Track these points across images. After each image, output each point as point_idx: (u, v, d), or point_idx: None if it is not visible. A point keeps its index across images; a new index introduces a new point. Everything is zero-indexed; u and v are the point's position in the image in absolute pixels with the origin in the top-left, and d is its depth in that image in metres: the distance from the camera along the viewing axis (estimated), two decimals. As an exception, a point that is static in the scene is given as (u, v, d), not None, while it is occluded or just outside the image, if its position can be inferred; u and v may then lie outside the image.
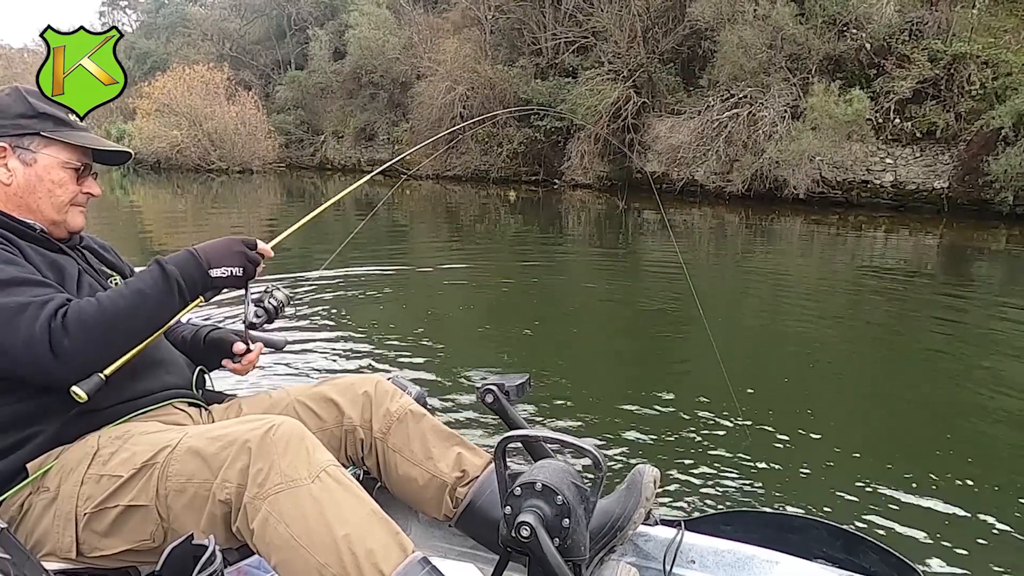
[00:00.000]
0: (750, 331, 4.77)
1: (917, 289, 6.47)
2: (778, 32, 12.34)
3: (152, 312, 1.17)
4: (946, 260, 8.31)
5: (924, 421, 3.16)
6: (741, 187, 12.27)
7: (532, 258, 7.87)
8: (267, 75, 26.34)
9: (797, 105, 12.05)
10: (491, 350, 4.19)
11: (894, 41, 11.80)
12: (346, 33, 21.15)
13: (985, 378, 3.75)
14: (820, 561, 1.33)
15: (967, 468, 2.60)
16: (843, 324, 5.12)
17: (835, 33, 12.09)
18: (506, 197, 14.61)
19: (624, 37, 14.73)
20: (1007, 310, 5.51)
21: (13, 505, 1.13)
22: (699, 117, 13.19)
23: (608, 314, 5.41)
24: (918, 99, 11.55)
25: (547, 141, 16.25)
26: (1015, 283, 6.68)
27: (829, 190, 11.99)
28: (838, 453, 2.70)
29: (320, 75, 22.81)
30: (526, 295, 5.84)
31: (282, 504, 1.00)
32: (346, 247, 6.22)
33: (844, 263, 7.92)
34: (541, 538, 1.08)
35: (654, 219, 11.67)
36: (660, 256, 8.06)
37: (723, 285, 6.62)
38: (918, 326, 5.07)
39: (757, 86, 12.54)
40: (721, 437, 2.73)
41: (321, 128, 23.25)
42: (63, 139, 1.26)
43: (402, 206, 14.46)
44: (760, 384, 3.46)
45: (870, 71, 12.00)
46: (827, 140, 11.49)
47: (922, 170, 11.67)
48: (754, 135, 12.23)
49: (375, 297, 5.60)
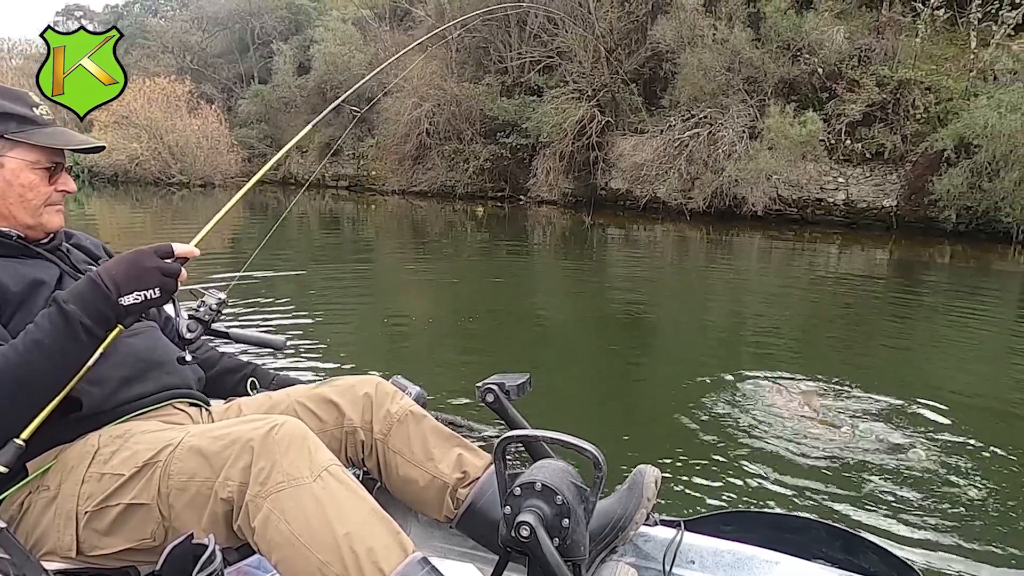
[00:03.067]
0: (732, 333, 4.93)
1: (868, 298, 6.81)
2: (736, 56, 12.80)
3: (55, 364, 1.06)
4: (895, 272, 8.72)
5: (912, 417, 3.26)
6: (702, 204, 12.61)
7: (511, 268, 7.98)
8: (230, 89, 26.02)
9: (754, 126, 12.48)
10: (484, 353, 4.26)
11: (844, 66, 12.36)
12: (311, 48, 21.07)
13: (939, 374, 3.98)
14: (820, 561, 1.33)
15: (965, 466, 2.64)
16: (805, 329, 5.35)
17: (789, 58, 12.60)
18: (473, 213, 14.71)
19: (588, 58, 15.06)
20: (951, 316, 5.86)
21: (13, 504, 1.13)
22: (661, 136, 13.54)
23: (595, 319, 5.55)
24: (867, 122, 12.09)
25: (513, 158, 16.43)
26: (958, 293, 7.07)
27: (785, 207, 12.41)
28: (837, 452, 2.73)
29: (284, 89, 22.63)
30: (505, 299, 5.94)
31: (284, 502, 1.00)
32: (329, 256, 6.21)
33: (802, 273, 8.26)
34: (541, 538, 1.08)
35: (619, 234, 11.94)
36: (631, 266, 8.27)
37: (689, 292, 6.84)
38: (873, 328, 5.35)
39: (716, 107, 12.95)
40: (721, 437, 2.71)
41: (285, 142, 22.91)
42: (29, 140, 1.19)
43: (369, 221, 14.45)
44: (748, 380, 3.56)
45: (822, 94, 12.53)
46: (783, 159, 11.93)
47: (872, 189, 12.18)
48: (714, 154, 12.61)
49: (354, 303, 5.63)
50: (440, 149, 17.32)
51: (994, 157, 9.95)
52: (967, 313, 6.06)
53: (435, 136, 17.22)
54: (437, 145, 17.34)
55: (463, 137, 17.06)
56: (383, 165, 19.16)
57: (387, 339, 4.79)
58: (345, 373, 1.93)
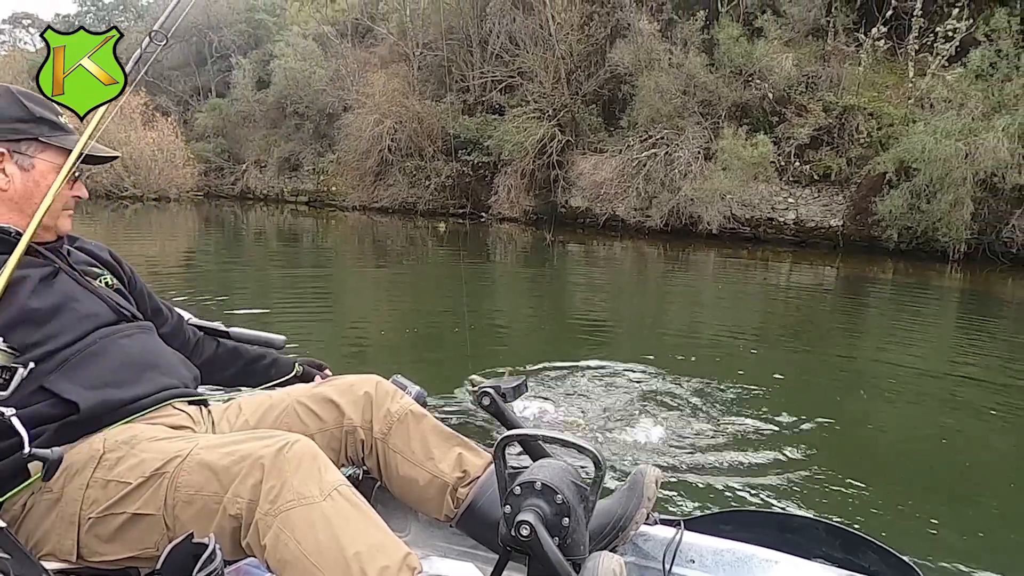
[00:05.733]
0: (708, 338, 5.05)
1: (818, 310, 7.12)
2: (691, 80, 13.26)
3: None
4: (842, 288, 9.11)
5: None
6: (659, 222, 12.94)
7: (472, 279, 8.06)
8: (186, 102, 25.60)
9: (709, 147, 12.91)
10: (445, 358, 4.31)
11: (793, 92, 12.92)
12: (271, 63, 20.93)
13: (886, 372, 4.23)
14: (820, 561, 1.33)
15: (962, 461, 2.73)
16: (760, 336, 5.58)
17: (741, 83, 13.11)
18: (435, 229, 14.77)
19: (549, 78, 15.38)
20: (896, 331, 6.19)
21: (15, 505, 1.11)
22: (620, 156, 13.87)
23: (553, 329, 5.65)
24: (815, 145, 12.64)
25: (475, 175, 16.58)
26: (900, 308, 7.46)
27: (739, 226, 12.83)
28: (836, 451, 2.79)
29: (243, 103, 22.37)
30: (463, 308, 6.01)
31: (293, 521, 1.00)
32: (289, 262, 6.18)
33: (756, 288, 8.57)
34: (541, 537, 1.08)
35: (580, 250, 12.14)
36: (591, 280, 8.43)
37: (646, 303, 7.03)
38: (826, 337, 5.62)
39: (673, 128, 13.36)
40: (720, 436, 2.72)
41: (243, 157, 22.72)
42: (60, 144, 1.24)
43: (329, 236, 14.35)
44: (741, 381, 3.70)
45: (773, 118, 13.05)
46: (736, 180, 12.35)
47: (820, 209, 12.69)
48: (670, 174, 12.97)
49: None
50: (402, 166, 17.36)
51: (931, 180, 10.50)
52: (907, 323, 6.42)
53: (397, 153, 17.26)
54: (399, 161, 17.37)
55: (425, 154, 17.14)
56: (344, 181, 19.09)
57: (346, 343, 4.80)
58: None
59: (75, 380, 1.16)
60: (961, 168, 10.24)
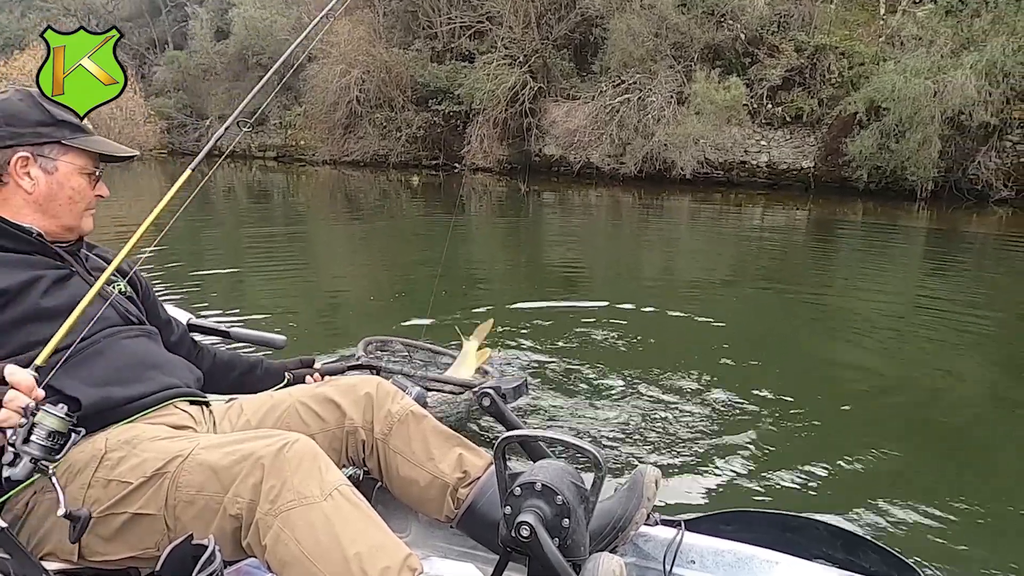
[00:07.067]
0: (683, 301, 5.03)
1: (791, 252, 7.26)
2: (663, 21, 13.05)
3: None
4: (814, 229, 9.27)
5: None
6: (634, 169, 12.93)
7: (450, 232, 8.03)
8: (142, 55, 24.52)
9: (682, 91, 12.82)
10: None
11: (765, 32, 12.82)
12: (229, 12, 20.10)
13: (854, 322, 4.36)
14: (820, 561, 1.33)
15: (959, 458, 2.68)
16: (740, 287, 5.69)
17: (713, 24, 12.95)
18: (409, 182, 14.58)
19: (519, 23, 15.01)
20: (866, 269, 6.34)
21: (17, 504, 1.12)
22: (593, 102, 13.72)
23: (530, 278, 5.69)
24: (787, 86, 12.62)
25: (446, 125, 16.29)
26: (870, 246, 7.64)
27: (712, 171, 12.87)
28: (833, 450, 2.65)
29: (202, 56, 21.51)
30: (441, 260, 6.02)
31: (294, 521, 1.01)
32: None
33: (731, 232, 8.68)
34: (541, 538, 1.09)
35: (554, 199, 12.12)
36: (567, 228, 8.45)
37: (621, 249, 7.11)
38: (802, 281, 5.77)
39: (645, 73, 13.21)
40: (720, 436, 2.65)
41: (206, 112, 21.96)
42: (82, 146, 1.28)
43: (300, 192, 14.11)
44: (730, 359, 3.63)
45: (745, 60, 12.97)
46: (709, 124, 12.33)
47: (792, 151, 12.78)
48: (644, 119, 12.90)
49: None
50: (371, 117, 16.97)
51: (900, 119, 10.60)
52: (875, 263, 6.58)
53: (365, 104, 16.84)
54: (368, 113, 16.97)
55: (394, 105, 16.76)
56: (312, 134, 18.63)
57: (329, 310, 4.80)
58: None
59: (78, 377, 1.17)
60: (930, 106, 10.34)
